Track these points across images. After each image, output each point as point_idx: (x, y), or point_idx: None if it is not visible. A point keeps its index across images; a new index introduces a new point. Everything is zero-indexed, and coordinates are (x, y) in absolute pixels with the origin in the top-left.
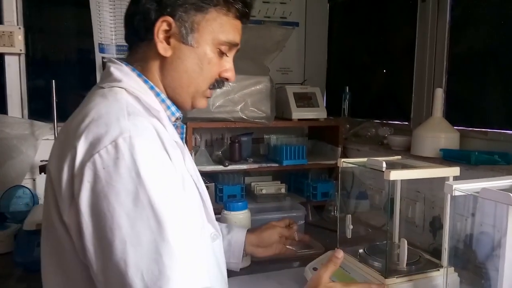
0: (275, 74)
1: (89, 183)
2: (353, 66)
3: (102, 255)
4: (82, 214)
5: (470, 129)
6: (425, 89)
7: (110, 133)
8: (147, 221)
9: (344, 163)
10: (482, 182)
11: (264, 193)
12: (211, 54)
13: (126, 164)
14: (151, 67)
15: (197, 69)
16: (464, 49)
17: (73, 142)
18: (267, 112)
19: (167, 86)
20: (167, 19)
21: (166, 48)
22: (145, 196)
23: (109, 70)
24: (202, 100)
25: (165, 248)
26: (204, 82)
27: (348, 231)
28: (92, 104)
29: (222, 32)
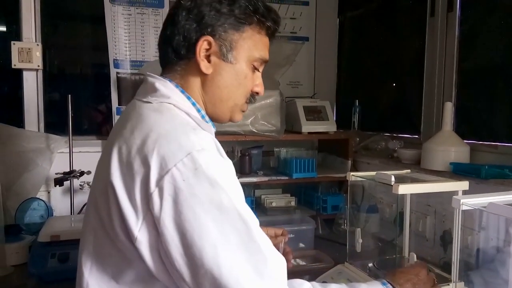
0: (285, 88)
1: (170, 196)
2: (363, 80)
3: (193, 264)
4: (165, 227)
5: (480, 143)
6: (435, 103)
7: (183, 147)
8: (234, 225)
9: (353, 176)
10: (490, 196)
11: (274, 206)
12: (247, 70)
13: (205, 174)
14: (192, 84)
15: (236, 84)
16: (473, 64)
17: (143, 158)
18: (277, 125)
19: (207, 102)
20: (207, 38)
21: (207, 66)
22: (228, 202)
23: (154, 85)
24: (239, 114)
25: (254, 248)
26: (241, 96)
27: (358, 245)
28: (151, 120)
29: (256, 49)
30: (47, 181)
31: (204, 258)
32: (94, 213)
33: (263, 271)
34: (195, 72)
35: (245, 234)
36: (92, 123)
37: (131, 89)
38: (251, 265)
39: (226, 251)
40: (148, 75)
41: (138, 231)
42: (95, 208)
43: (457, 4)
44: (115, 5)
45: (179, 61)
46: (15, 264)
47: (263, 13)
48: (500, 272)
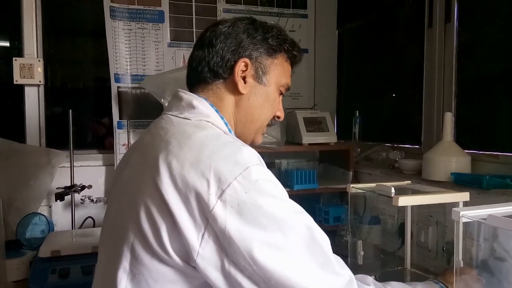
0: (285, 99)
1: (234, 208)
2: (363, 91)
3: (264, 273)
4: (232, 238)
5: (481, 153)
6: (435, 113)
7: (240, 161)
8: (297, 231)
9: (354, 188)
10: (490, 208)
11: None
12: (275, 94)
13: (264, 186)
14: (226, 103)
15: (266, 106)
16: (472, 73)
17: (200, 174)
18: (277, 137)
19: (238, 121)
20: (245, 60)
21: (244, 86)
22: (288, 209)
23: (192, 103)
24: (260, 136)
25: (318, 249)
26: (268, 118)
27: (359, 257)
28: (199, 136)
29: (283, 76)
30: (48, 195)
31: (273, 266)
32: (135, 230)
33: (328, 267)
34: (230, 91)
35: (309, 238)
36: (94, 137)
37: (132, 103)
38: (316, 262)
39: (294, 257)
40: (181, 91)
41: (199, 245)
42: (136, 225)
43: (455, 15)
44: (116, 20)
45: (215, 80)
46: (15, 280)
47: (291, 43)
48: (503, 284)
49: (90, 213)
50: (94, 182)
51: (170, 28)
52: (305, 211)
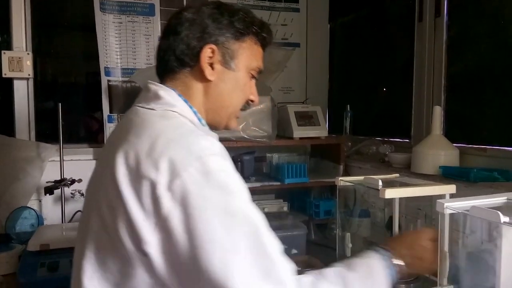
0: (277, 94)
1: (181, 199)
2: (354, 85)
3: (200, 267)
4: (175, 229)
5: (470, 146)
6: (424, 107)
7: (194, 151)
8: (243, 229)
9: (342, 181)
10: (474, 200)
11: (266, 211)
12: (246, 78)
13: (215, 178)
14: (194, 91)
15: (237, 91)
16: (461, 68)
17: (153, 163)
18: (268, 131)
19: (209, 109)
20: (211, 46)
21: (211, 73)
22: (238, 206)
23: (158, 93)
24: (235, 121)
25: (262, 251)
26: (240, 103)
27: (348, 250)
28: (158, 125)
29: (253, 59)
30: (38, 189)
31: (211, 262)
32: (97, 220)
33: (270, 274)
34: (198, 79)
35: (253, 238)
36: (83, 131)
37: (123, 97)
38: (257, 268)
39: (234, 255)
40: (150, 83)
41: (148, 235)
42: (98, 215)
43: (444, 9)
44: (106, 13)
45: (182, 69)
46: (4, 274)
47: (259, 25)
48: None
49: (80, 207)
50: (84, 176)
51: (161, 22)
52: (257, 211)
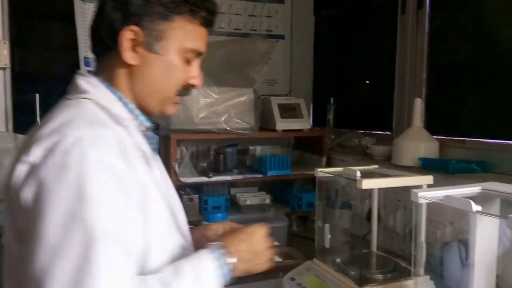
0: (261, 86)
1: (34, 188)
2: (338, 78)
3: (29, 259)
4: (23, 213)
5: (449, 138)
6: (406, 100)
7: (64, 142)
8: (76, 236)
9: (321, 172)
10: (449, 190)
11: (248, 204)
12: (178, 61)
13: (72, 175)
14: (119, 76)
15: (165, 77)
16: (442, 60)
17: (28, 149)
18: (251, 123)
19: (136, 95)
20: (132, 28)
21: (133, 57)
22: (83, 211)
23: (76, 82)
24: (171, 107)
25: (87, 269)
26: (171, 89)
27: (326, 241)
28: (54, 114)
29: (188, 40)
30: None
31: (37, 259)
32: None
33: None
34: (122, 63)
35: (84, 251)
36: None
37: None
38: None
39: (59, 259)
40: (77, 73)
41: (19, 222)
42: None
43: (427, 2)
44: (86, 2)
45: (107, 52)
46: None
47: (195, 2)
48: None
49: None
50: None
51: None
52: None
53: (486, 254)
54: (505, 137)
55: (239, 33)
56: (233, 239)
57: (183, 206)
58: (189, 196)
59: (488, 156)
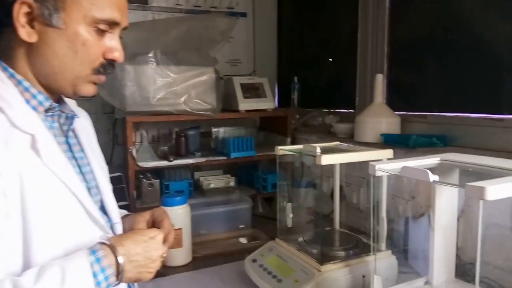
0: (224, 66)
1: None
2: (302, 56)
3: None
4: None
5: (411, 114)
6: (368, 76)
7: None
8: None
9: (282, 150)
10: (407, 161)
11: (212, 187)
12: (86, 34)
13: None
14: (16, 54)
15: (69, 53)
16: (403, 35)
17: None
18: (212, 104)
19: (37, 74)
20: (25, 0)
21: (29, 33)
22: None
23: None
24: (87, 86)
25: None
26: (82, 66)
27: (289, 220)
28: None
29: (95, 9)
30: None
31: None
32: None
33: None
34: (18, 41)
35: None
36: None
37: None
38: None
39: None
40: None
41: None
42: None
43: None
44: None
45: (3, 30)
46: None
47: None
48: (425, 237)
49: None
50: None
51: None
52: None
53: (447, 225)
54: (465, 110)
55: (199, 10)
56: (129, 239)
57: (143, 192)
58: (149, 181)
59: (448, 130)
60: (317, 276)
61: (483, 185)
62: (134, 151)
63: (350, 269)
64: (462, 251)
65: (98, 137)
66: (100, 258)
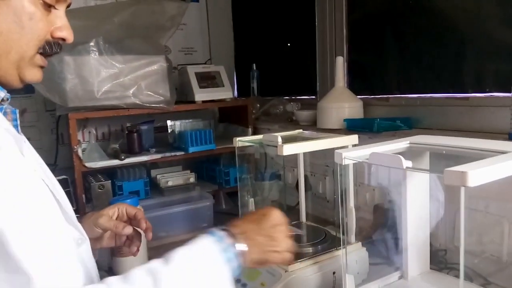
0: (177, 55)
1: None
2: (259, 42)
3: None
4: None
5: (373, 97)
6: (328, 60)
7: None
8: None
9: (240, 142)
10: (375, 147)
11: (170, 185)
12: (32, 7)
13: None
14: None
15: (16, 28)
16: (361, 16)
17: None
18: (165, 95)
19: None
20: None
21: None
22: None
23: None
24: (33, 70)
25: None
26: (29, 44)
27: None
28: None
29: None
30: None
31: None
32: None
33: None
34: None
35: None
36: None
37: None
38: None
39: None
40: None
41: None
42: None
43: None
44: None
45: None
46: None
47: None
48: (396, 226)
49: None
50: None
51: None
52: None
53: (419, 214)
54: (428, 90)
55: None
56: (247, 221)
57: (94, 194)
58: (99, 183)
59: (412, 112)
60: (285, 277)
61: (464, 170)
62: (79, 150)
63: (319, 266)
64: (433, 238)
65: (41, 137)
66: (221, 236)
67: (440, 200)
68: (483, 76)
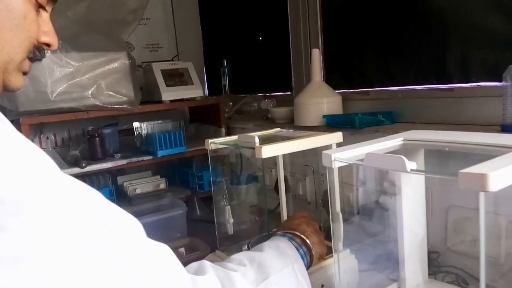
0: (142, 52)
1: None
2: (230, 36)
3: None
4: None
5: (352, 91)
6: (303, 53)
7: None
8: None
9: (213, 144)
10: (366, 146)
11: (139, 192)
12: (27, 7)
13: None
14: None
15: (9, 26)
16: (337, 5)
17: None
18: (129, 95)
19: None
20: None
21: None
22: None
23: None
24: (18, 77)
25: None
26: (22, 45)
27: (229, 227)
28: None
29: None
30: None
31: None
32: None
33: None
34: None
35: None
36: None
37: None
38: None
39: None
40: None
41: None
42: None
43: None
44: None
45: None
46: None
47: None
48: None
49: None
50: None
51: None
52: None
53: (416, 218)
54: (410, 82)
55: None
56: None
57: None
58: None
59: (393, 106)
60: None
61: (482, 171)
62: None
63: None
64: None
65: None
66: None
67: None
68: (469, 65)
